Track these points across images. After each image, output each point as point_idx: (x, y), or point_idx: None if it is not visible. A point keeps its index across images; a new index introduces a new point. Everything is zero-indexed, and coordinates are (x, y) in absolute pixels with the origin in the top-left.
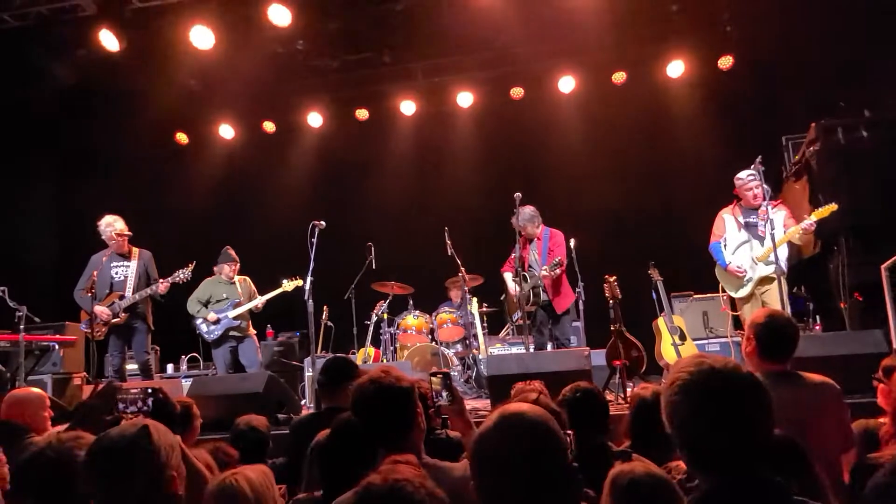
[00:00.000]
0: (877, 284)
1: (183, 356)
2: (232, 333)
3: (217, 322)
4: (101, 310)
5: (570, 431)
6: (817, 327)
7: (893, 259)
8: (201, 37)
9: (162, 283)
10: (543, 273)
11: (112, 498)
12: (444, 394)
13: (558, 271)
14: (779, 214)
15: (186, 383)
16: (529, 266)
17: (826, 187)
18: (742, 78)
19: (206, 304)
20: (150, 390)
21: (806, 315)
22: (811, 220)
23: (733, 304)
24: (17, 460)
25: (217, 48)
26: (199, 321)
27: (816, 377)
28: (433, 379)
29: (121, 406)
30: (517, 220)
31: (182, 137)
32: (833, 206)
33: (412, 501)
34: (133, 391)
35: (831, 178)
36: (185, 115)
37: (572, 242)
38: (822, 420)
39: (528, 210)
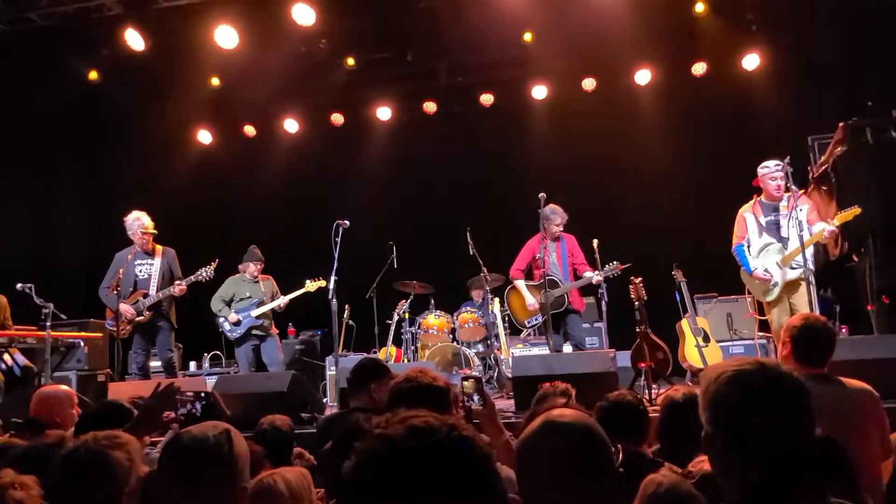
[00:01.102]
0: None
1: (205, 354)
2: (254, 332)
3: (238, 323)
4: (126, 308)
5: (617, 445)
6: (843, 330)
7: None
8: (225, 36)
9: (178, 285)
10: (598, 277)
11: (186, 498)
12: (476, 397)
13: (599, 277)
14: (803, 208)
15: (210, 381)
16: (550, 269)
17: (853, 188)
18: (767, 78)
19: (229, 303)
20: (202, 394)
21: (832, 318)
22: (833, 225)
23: (760, 307)
24: (54, 459)
25: (240, 47)
26: (221, 319)
27: (856, 382)
28: (465, 383)
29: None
30: (548, 216)
31: (205, 135)
32: (856, 210)
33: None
34: (188, 394)
35: (859, 179)
36: (208, 114)
37: (595, 243)
38: (861, 426)
39: (558, 208)
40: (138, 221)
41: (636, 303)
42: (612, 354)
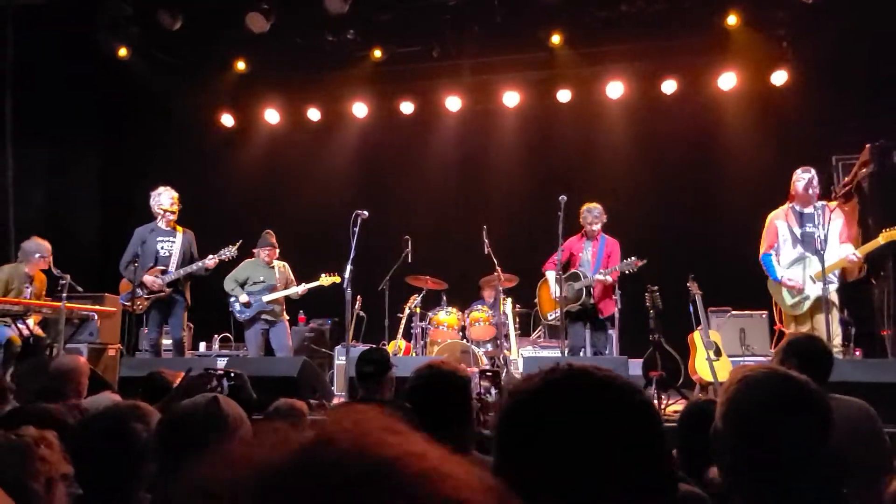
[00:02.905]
0: None
1: (215, 335)
2: (264, 317)
3: (248, 305)
4: (152, 279)
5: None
6: (857, 353)
7: None
8: (256, 20)
9: (210, 258)
10: (598, 277)
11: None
12: (493, 391)
13: (610, 279)
14: (836, 223)
15: (220, 362)
16: (581, 265)
17: (877, 210)
18: (795, 94)
19: (242, 285)
20: (232, 373)
21: (847, 339)
22: (858, 254)
23: (781, 319)
24: (73, 425)
25: (269, 32)
26: (232, 299)
27: (850, 399)
28: (483, 377)
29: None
30: (584, 215)
31: (228, 119)
32: None
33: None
34: (218, 372)
35: (883, 201)
36: (232, 97)
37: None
38: (856, 441)
39: (598, 207)
40: (164, 196)
41: (651, 311)
42: (625, 361)
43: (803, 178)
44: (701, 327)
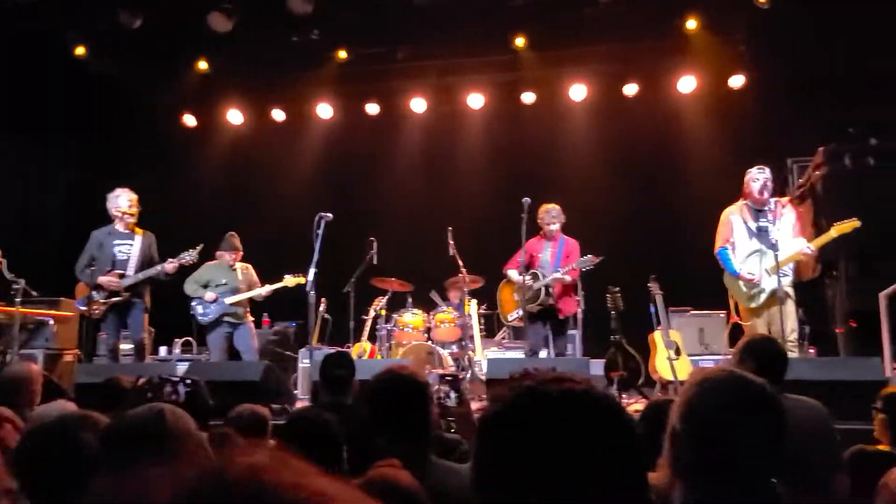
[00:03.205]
0: (874, 312)
1: (177, 339)
2: (227, 319)
3: (214, 301)
4: (107, 279)
5: None
6: (812, 351)
7: (893, 287)
8: (218, 20)
9: (170, 262)
10: (556, 276)
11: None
12: (453, 395)
13: (568, 278)
14: (788, 217)
15: (181, 367)
16: (540, 266)
17: (830, 211)
18: (752, 97)
19: (204, 288)
20: (187, 379)
21: (802, 338)
22: (812, 247)
23: (737, 312)
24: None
25: (232, 32)
26: (195, 302)
27: (804, 398)
28: (442, 381)
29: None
30: (542, 216)
31: (190, 119)
32: (855, 222)
33: None
34: (174, 378)
35: (835, 203)
36: (194, 97)
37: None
38: (810, 440)
39: (556, 208)
40: (122, 199)
41: (612, 312)
42: (587, 361)
43: (759, 178)
44: (661, 327)
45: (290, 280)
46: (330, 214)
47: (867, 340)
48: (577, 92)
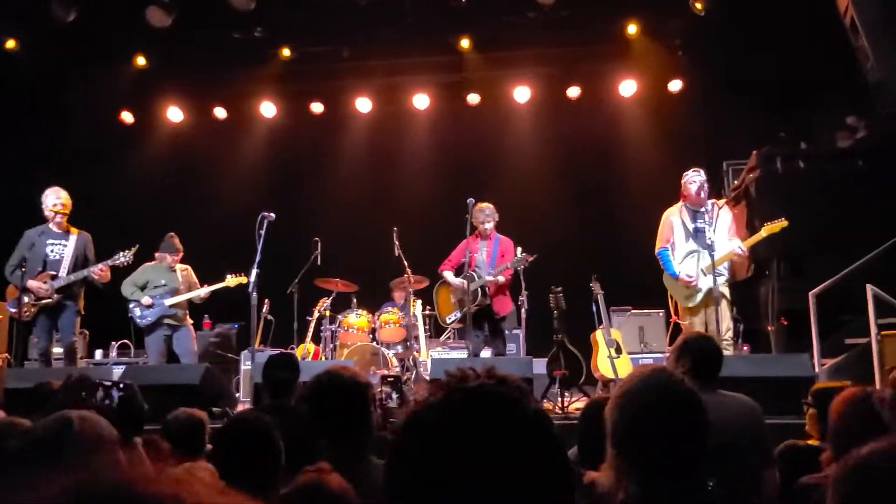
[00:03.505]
0: (804, 310)
1: (113, 342)
2: (166, 321)
3: (151, 306)
4: (37, 285)
5: None
6: (745, 348)
7: (822, 286)
8: (157, 14)
9: (100, 267)
10: (489, 278)
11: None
12: (395, 396)
13: (501, 279)
14: (724, 218)
15: (117, 371)
16: (476, 266)
17: (763, 213)
18: (689, 102)
19: (142, 289)
20: (121, 384)
21: (736, 335)
22: (744, 247)
23: (676, 311)
24: None
25: (171, 27)
26: (132, 304)
27: (737, 395)
28: (384, 382)
29: (83, 397)
30: (476, 215)
31: (127, 116)
32: (783, 223)
33: None
34: (106, 383)
35: (768, 205)
36: (132, 94)
37: (518, 251)
38: (743, 436)
39: (490, 207)
40: (50, 198)
41: (555, 312)
42: (529, 361)
43: (695, 181)
44: (603, 326)
45: (231, 280)
46: (273, 214)
47: (797, 337)
48: (521, 94)
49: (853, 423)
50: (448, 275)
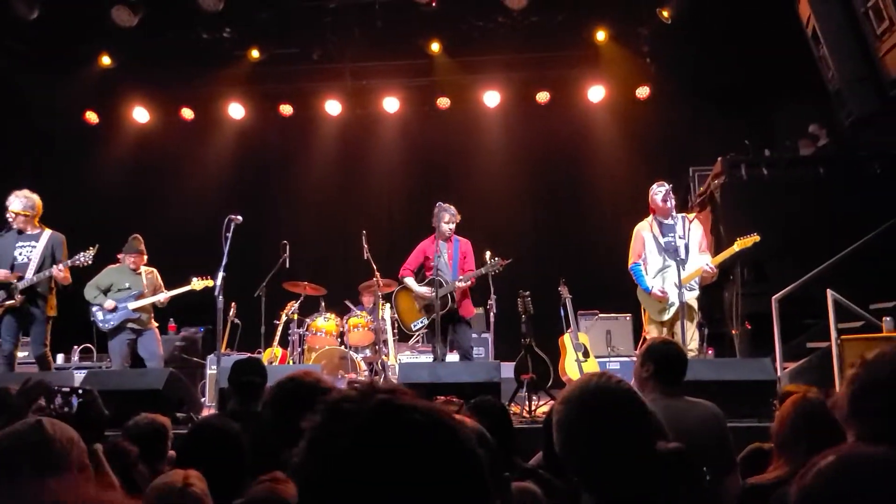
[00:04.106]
0: (767, 315)
1: (75, 346)
2: (130, 325)
3: (114, 310)
4: (6, 273)
5: None
6: (710, 352)
7: (784, 292)
8: (123, 14)
9: (58, 268)
10: (460, 284)
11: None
12: None
13: (471, 283)
14: (696, 233)
15: (79, 376)
16: (439, 270)
17: (728, 219)
18: (657, 108)
19: (105, 292)
20: (80, 389)
21: (701, 340)
22: (712, 265)
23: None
24: None
25: (138, 26)
26: (95, 308)
27: (701, 400)
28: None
29: (42, 403)
30: (441, 215)
31: (92, 117)
32: (755, 237)
33: None
34: (64, 389)
35: (733, 211)
36: (97, 93)
37: (487, 255)
38: (706, 441)
39: (452, 208)
40: (10, 200)
41: (523, 316)
42: (497, 364)
43: (659, 191)
44: (571, 330)
45: (197, 284)
46: (240, 217)
47: (761, 341)
48: (491, 98)
49: (798, 428)
50: (411, 282)
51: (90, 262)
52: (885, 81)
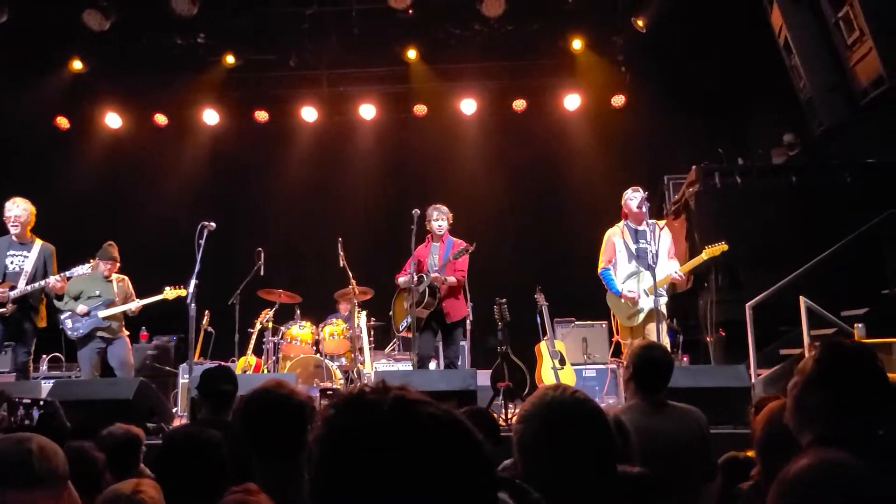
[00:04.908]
0: (741, 322)
1: (44, 356)
2: (100, 334)
3: (87, 315)
4: (2, 290)
5: None
6: (685, 359)
7: (758, 299)
8: (94, 17)
9: (56, 279)
10: (434, 274)
11: None
12: None
13: (453, 279)
14: (665, 240)
15: (46, 385)
16: (428, 269)
17: (702, 227)
18: (632, 117)
19: (75, 299)
20: (41, 401)
21: (675, 347)
22: (681, 272)
23: (618, 330)
24: None
25: (109, 31)
26: (64, 315)
27: (685, 406)
28: (324, 396)
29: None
30: (430, 213)
31: (63, 122)
32: (723, 246)
33: None
34: (25, 400)
35: (707, 218)
36: (68, 98)
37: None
38: (688, 447)
39: (444, 207)
40: (7, 207)
41: (499, 323)
42: (473, 373)
43: (635, 197)
44: (547, 337)
45: (169, 293)
46: (213, 224)
47: (735, 348)
48: (468, 105)
49: (775, 435)
50: (400, 280)
51: (88, 273)
52: (855, 91)
